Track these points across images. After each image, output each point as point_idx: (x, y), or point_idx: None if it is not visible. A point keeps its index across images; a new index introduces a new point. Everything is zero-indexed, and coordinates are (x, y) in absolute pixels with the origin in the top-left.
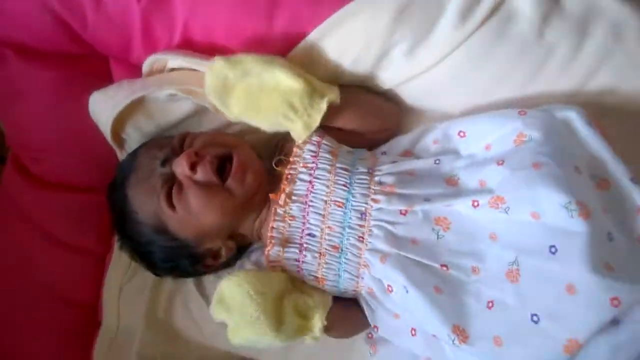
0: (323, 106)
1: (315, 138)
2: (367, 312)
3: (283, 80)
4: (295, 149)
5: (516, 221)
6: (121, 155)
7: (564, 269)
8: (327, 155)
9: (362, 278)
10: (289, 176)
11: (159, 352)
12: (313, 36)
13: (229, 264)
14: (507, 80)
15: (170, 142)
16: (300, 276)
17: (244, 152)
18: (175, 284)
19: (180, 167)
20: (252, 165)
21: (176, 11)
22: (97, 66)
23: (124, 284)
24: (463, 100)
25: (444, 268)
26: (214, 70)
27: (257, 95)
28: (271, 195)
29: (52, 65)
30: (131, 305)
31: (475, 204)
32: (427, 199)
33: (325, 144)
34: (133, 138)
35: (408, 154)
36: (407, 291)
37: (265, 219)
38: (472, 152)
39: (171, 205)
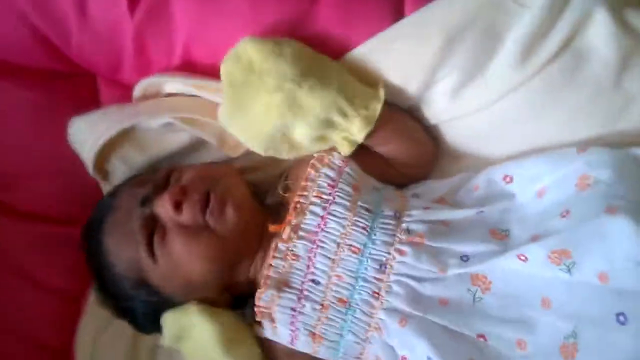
0: (380, 102)
1: (337, 161)
2: None
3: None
4: (309, 170)
5: (579, 283)
6: (105, 188)
7: (635, 341)
8: (348, 189)
9: (370, 343)
10: (298, 205)
11: None
12: (350, 58)
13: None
14: (571, 129)
15: (154, 178)
16: (291, 329)
17: (225, 183)
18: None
19: (163, 207)
20: (232, 195)
21: (176, 28)
22: (81, 86)
23: (101, 333)
24: (514, 148)
25: (481, 339)
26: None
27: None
28: (271, 227)
29: (30, 83)
30: (109, 353)
31: (522, 257)
32: (464, 257)
33: (348, 173)
34: (120, 170)
35: (442, 202)
36: None
37: (262, 264)
38: (523, 200)
39: (151, 255)
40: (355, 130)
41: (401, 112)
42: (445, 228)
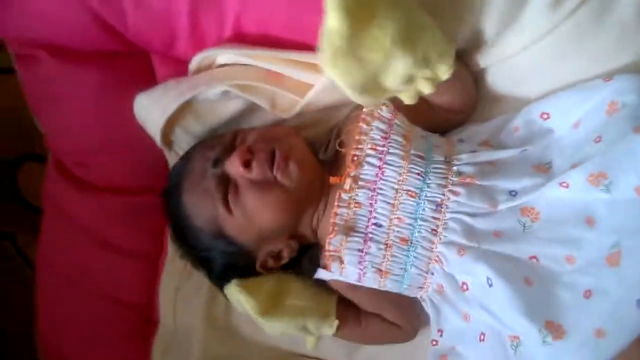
0: (455, 44)
1: (386, 114)
2: (430, 314)
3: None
4: (361, 124)
5: (618, 200)
6: (170, 157)
7: None
8: (399, 139)
9: (432, 274)
10: (355, 158)
11: (219, 352)
12: None
13: (291, 264)
14: (601, 65)
15: (222, 141)
16: (360, 268)
17: (288, 142)
18: None
19: (234, 166)
20: (295, 153)
21: (228, 3)
22: (138, 64)
23: (181, 285)
24: (548, 87)
25: (534, 260)
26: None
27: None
28: (332, 179)
29: (92, 66)
30: (188, 306)
31: (564, 184)
32: (512, 192)
33: (398, 125)
34: (182, 140)
35: (486, 144)
36: (490, 284)
37: (324, 213)
38: (561, 134)
39: (228, 209)
40: (443, 70)
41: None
42: (493, 168)
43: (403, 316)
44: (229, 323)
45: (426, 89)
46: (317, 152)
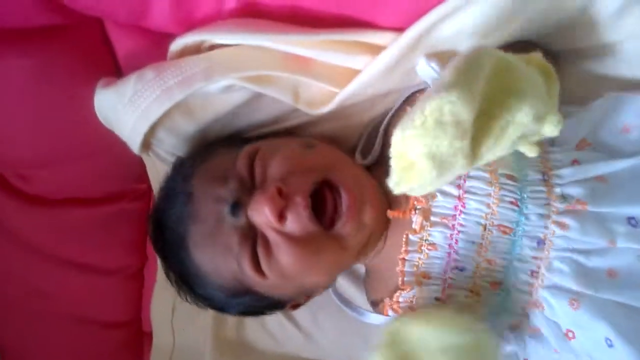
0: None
1: None
2: (512, 344)
3: None
4: None
5: None
6: (149, 160)
7: None
8: None
9: (528, 318)
10: None
11: None
12: None
13: None
14: None
15: (234, 168)
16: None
17: (349, 174)
18: None
19: (262, 217)
20: (366, 193)
21: None
22: (88, 39)
23: (179, 304)
24: None
25: None
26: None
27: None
28: (391, 213)
29: (27, 48)
30: (190, 324)
31: None
32: (632, 220)
33: None
34: (166, 142)
35: (584, 144)
36: (610, 344)
37: (382, 249)
38: None
39: (259, 272)
40: (549, 129)
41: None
42: (605, 185)
43: None
44: (243, 338)
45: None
46: (351, 151)
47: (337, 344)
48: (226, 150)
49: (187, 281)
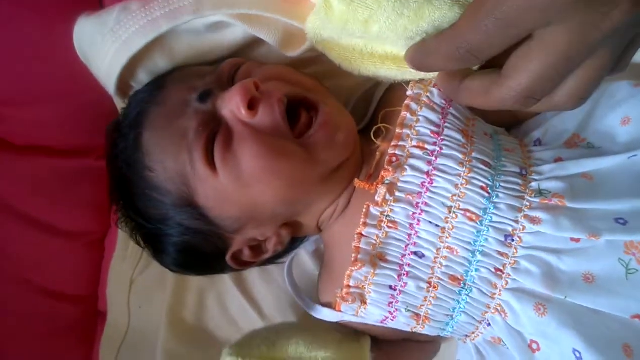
0: None
1: (438, 100)
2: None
3: None
4: (403, 113)
5: None
6: (122, 106)
7: None
8: (457, 136)
9: (489, 325)
10: (394, 158)
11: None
12: None
13: (270, 260)
14: None
15: (217, 70)
16: (389, 311)
17: (331, 102)
18: (207, 279)
19: (232, 103)
20: (342, 120)
21: None
22: None
23: (137, 276)
24: None
25: (637, 319)
26: None
27: None
28: (358, 183)
29: None
30: (147, 303)
31: None
32: (620, 220)
33: (453, 115)
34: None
35: (574, 143)
36: (578, 357)
37: (342, 213)
38: None
39: (210, 164)
40: None
41: None
42: (589, 182)
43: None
44: (202, 325)
45: None
46: None
47: None
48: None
49: (130, 182)
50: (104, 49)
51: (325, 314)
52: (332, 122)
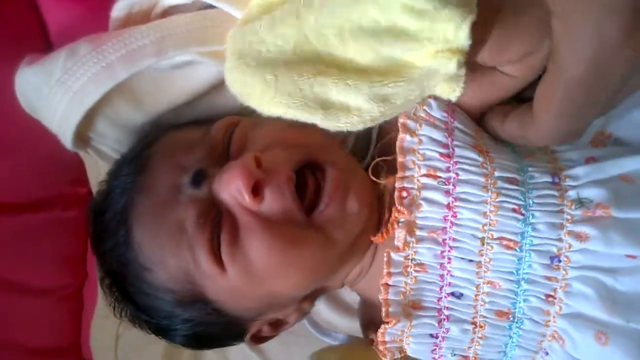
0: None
1: (438, 114)
2: None
3: None
4: (401, 135)
5: None
6: (88, 159)
7: None
8: (472, 155)
9: (547, 354)
10: (405, 193)
11: None
12: None
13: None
14: None
15: (206, 137)
16: (432, 356)
17: (338, 155)
18: None
19: (233, 187)
20: (352, 180)
21: None
22: (11, 4)
23: (124, 331)
24: None
25: None
26: None
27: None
28: (374, 239)
29: None
30: (136, 356)
31: None
32: None
33: (460, 130)
34: (107, 135)
35: (601, 140)
36: None
37: (369, 269)
38: None
39: (217, 262)
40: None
41: None
42: (631, 185)
43: None
44: None
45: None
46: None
47: None
48: (195, 127)
49: (125, 280)
50: (53, 102)
51: None
52: (342, 187)
